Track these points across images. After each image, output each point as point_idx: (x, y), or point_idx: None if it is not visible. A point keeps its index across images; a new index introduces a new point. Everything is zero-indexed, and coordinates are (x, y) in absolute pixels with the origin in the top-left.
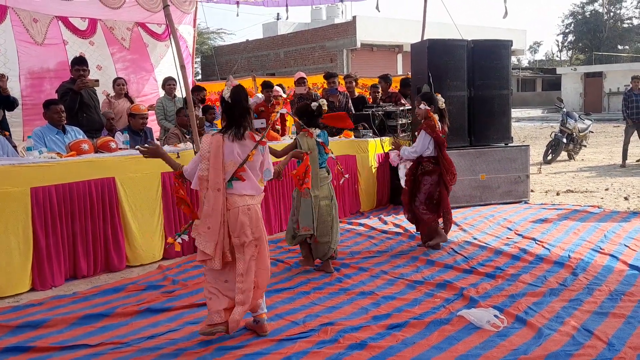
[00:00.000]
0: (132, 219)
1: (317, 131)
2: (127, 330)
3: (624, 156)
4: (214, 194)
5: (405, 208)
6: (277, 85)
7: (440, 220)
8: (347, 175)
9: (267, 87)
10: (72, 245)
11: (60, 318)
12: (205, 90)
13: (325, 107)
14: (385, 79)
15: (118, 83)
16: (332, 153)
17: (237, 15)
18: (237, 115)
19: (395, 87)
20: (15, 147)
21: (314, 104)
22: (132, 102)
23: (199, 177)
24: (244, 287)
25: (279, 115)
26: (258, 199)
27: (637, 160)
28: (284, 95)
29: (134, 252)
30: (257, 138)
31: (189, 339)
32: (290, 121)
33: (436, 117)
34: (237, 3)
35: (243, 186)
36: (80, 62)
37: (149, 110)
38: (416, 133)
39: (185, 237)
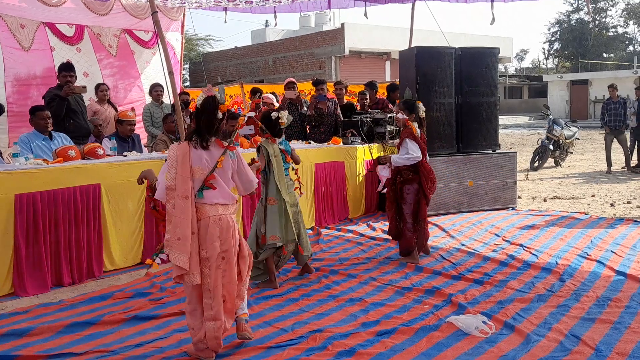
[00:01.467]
0: (112, 225)
1: (279, 140)
2: (113, 339)
3: (609, 163)
4: (182, 202)
5: (392, 222)
6: (270, 93)
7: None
8: (303, 193)
9: (255, 93)
10: (56, 252)
11: (45, 326)
12: (189, 95)
13: (283, 121)
14: (371, 86)
15: (101, 89)
16: (293, 164)
17: (225, 22)
18: (201, 124)
19: (383, 93)
20: (0, 153)
21: (273, 114)
22: (115, 108)
23: (166, 187)
24: (213, 304)
25: (247, 118)
26: (232, 209)
27: (623, 167)
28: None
29: (111, 260)
30: (225, 144)
31: (176, 347)
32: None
33: (415, 125)
34: (225, 10)
35: (214, 195)
36: (67, 68)
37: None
38: (395, 142)
39: (164, 256)
